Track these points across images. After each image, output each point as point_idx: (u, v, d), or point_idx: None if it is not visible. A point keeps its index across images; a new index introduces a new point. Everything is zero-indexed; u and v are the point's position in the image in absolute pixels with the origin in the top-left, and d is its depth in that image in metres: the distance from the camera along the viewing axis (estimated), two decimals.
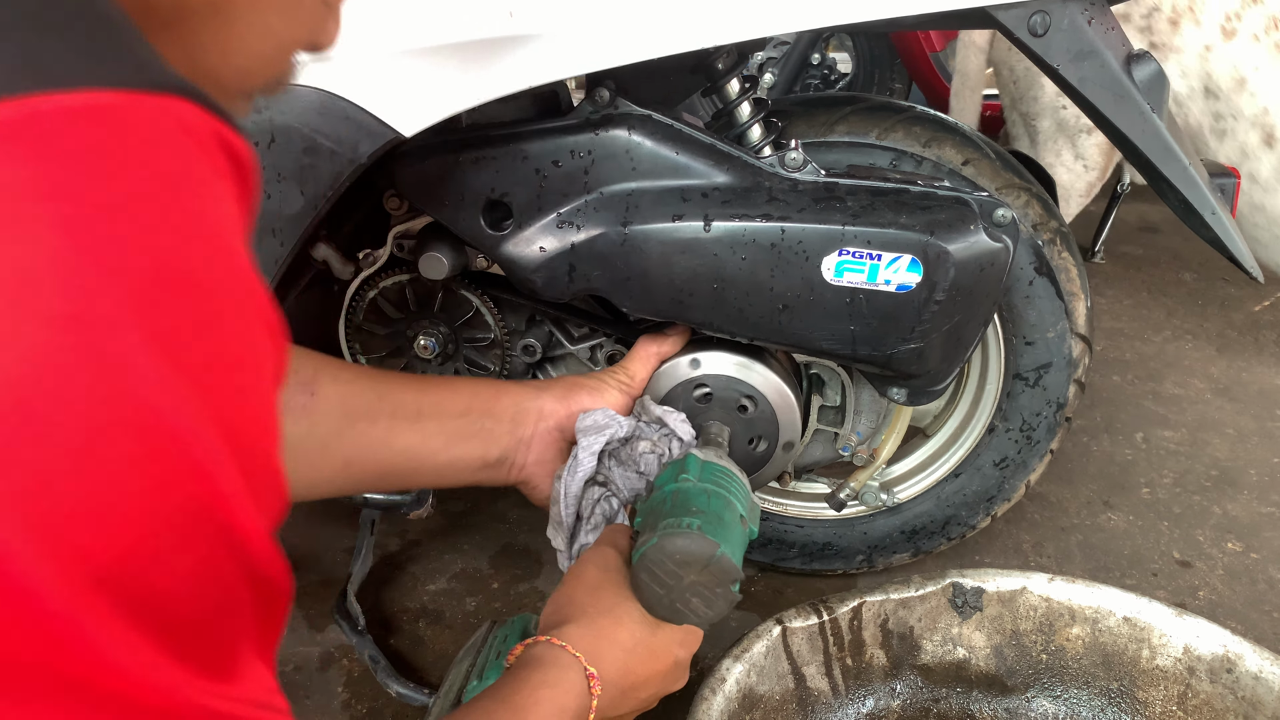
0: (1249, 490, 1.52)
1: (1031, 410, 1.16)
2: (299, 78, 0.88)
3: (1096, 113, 0.88)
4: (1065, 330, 1.11)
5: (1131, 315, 2.19)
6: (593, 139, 0.91)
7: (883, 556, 1.27)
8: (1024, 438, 1.18)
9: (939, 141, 1.05)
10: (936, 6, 0.82)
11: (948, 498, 1.23)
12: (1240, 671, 0.91)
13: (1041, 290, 1.09)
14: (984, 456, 1.20)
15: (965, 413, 1.22)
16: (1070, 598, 0.98)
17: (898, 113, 1.06)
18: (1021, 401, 1.16)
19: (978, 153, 1.05)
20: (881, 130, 1.04)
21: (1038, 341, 1.12)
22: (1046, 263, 1.07)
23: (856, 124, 1.05)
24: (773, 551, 1.28)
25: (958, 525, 1.24)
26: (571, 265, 0.92)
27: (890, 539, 1.26)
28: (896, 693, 1.00)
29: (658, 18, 0.83)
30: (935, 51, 2.64)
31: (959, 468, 1.21)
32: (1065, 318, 1.11)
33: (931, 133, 1.05)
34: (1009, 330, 1.12)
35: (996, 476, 1.21)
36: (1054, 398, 1.15)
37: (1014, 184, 1.06)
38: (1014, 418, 1.17)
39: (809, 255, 0.90)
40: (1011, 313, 1.11)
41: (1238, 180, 1.15)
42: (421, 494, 1.16)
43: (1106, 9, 0.87)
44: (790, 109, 1.08)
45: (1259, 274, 1.01)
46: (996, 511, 1.23)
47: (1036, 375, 1.14)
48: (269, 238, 0.93)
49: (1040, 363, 1.13)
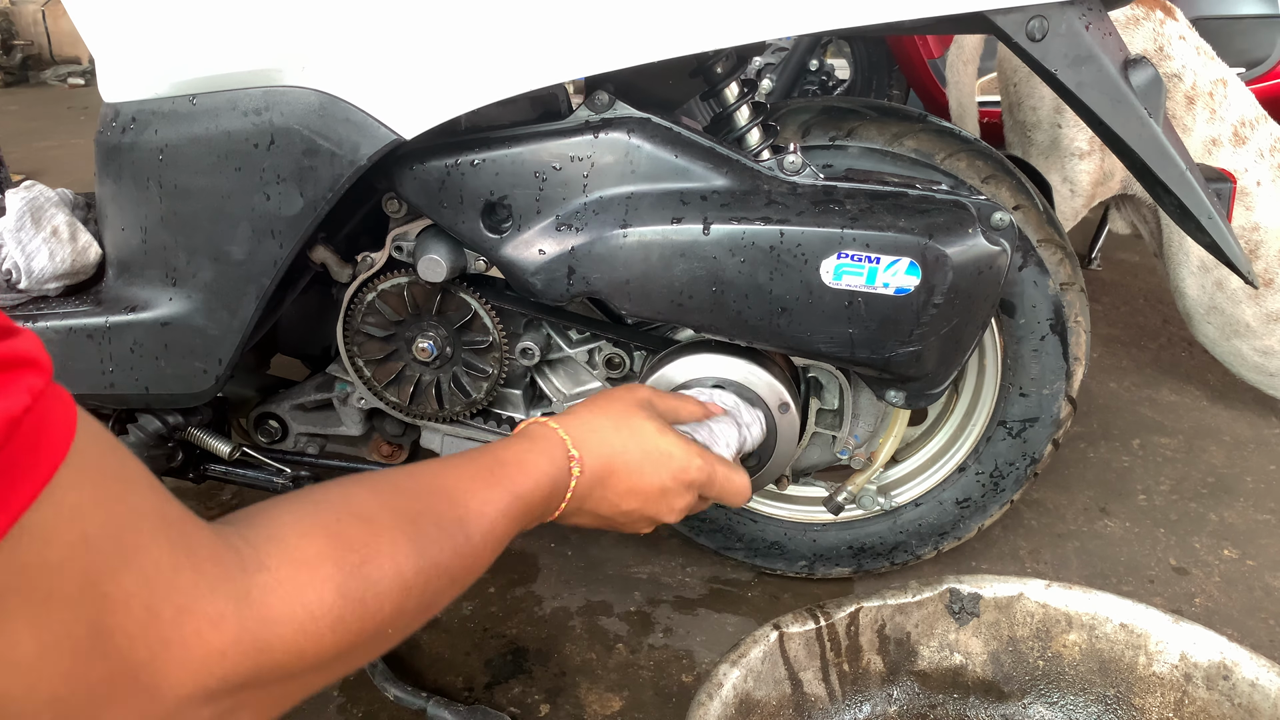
0: (1245, 497, 1.52)
1: (1006, 459, 1.19)
2: (301, 80, 0.88)
3: (1094, 117, 0.88)
4: (1060, 390, 1.14)
5: (1128, 322, 2.20)
6: (592, 142, 0.91)
7: (824, 566, 1.29)
8: (991, 484, 1.21)
9: (997, 180, 1.07)
10: (934, 11, 0.82)
11: (902, 525, 1.25)
12: (1237, 678, 0.91)
13: (1050, 348, 1.11)
14: (949, 492, 1.23)
15: (940, 447, 1.24)
16: (1067, 604, 0.98)
17: (964, 142, 1.08)
18: (999, 449, 1.19)
19: (1029, 200, 1.08)
20: (946, 155, 1.06)
21: (1032, 395, 1.15)
22: (1063, 322, 1.10)
23: (925, 142, 1.07)
24: (720, 539, 1.30)
25: (904, 552, 1.27)
26: (570, 268, 0.92)
27: (836, 551, 1.28)
28: (893, 699, 1.00)
29: (656, 21, 0.83)
30: (933, 58, 2.65)
31: (921, 498, 1.24)
32: (1064, 379, 1.13)
33: (992, 169, 1.07)
34: (1008, 378, 1.15)
35: (955, 514, 1.23)
36: (1031, 452, 1.18)
37: (1053, 239, 1.08)
38: (987, 462, 1.20)
39: (808, 258, 0.90)
40: (1017, 362, 1.13)
41: (1234, 185, 1.15)
42: None
43: (1104, 14, 0.87)
44: (862, 110, 1.10)
45: (1255, 279, 1.01)
46: (943, 548, 1.26)
47: (1021, 427, 1.17)
48: (268, 240, 0.93)
49: (1028, 416, 1.16)
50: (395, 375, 1.10)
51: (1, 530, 0.33)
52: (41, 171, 3.73)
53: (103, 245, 1.04)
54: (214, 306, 0.97)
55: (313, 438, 1.21)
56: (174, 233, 0.95)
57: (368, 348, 1.08)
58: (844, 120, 1.08)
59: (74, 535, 0.36)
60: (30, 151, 4.15)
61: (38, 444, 0.34)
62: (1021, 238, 1.06)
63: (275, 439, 1.20)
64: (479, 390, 1.10)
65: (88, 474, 0.37)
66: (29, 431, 0.34)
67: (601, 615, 1.24)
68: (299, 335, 1.22)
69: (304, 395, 1.18)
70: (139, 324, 0.98)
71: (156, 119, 0.93)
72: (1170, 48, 1.63)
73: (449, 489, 0.61)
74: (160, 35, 0.90)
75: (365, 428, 1.19)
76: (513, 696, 1.11)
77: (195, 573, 0.42)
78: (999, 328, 1.12)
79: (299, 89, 0.89)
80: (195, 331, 0.98)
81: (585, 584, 1.30)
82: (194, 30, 0.89)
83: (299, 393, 1.18)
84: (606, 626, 1.22)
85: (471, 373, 1.10)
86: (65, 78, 6.36)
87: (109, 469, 0.39)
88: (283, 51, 0.88)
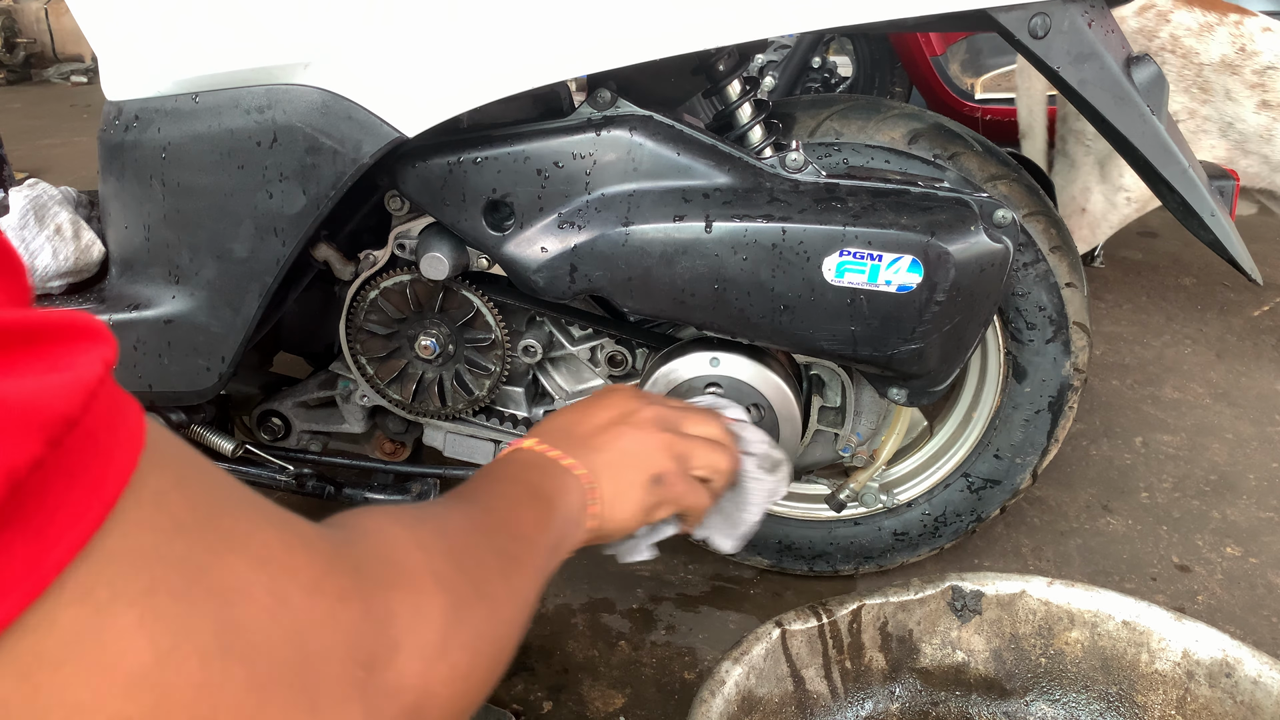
0: (1248, 495, 1.52)
1: (955, 509, 1.24)
2: (304, 78, 0.88)
3: (1096, 115, 0.88)
4: (1031, 464, 1.19)
5: (1131, 320, 2.19)
6: (594, 140, 0.91)
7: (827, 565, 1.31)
8: (933, 527, 1.25)
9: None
10: (937, 8, 0.82)
11: (835, 538, 1.28)
12: (1239, 676, 0.91)
13: (1040, 423, 1.17)
14: (889, 522, 1.26)
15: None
16: (1069, 601, 0.98)
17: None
18: (953, 497, 1.23)
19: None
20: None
21: (1005, 460, 1.20)
22: (1061, 403, 1.14)
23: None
24: None
25: (825, 563, 1.30)
26: (573, 266, 0.92)
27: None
28: (895, 696, 1.00)
29: (659, 19, 0.83)
30: (936, 55, 2.64)
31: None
32: (1040, 456, 1.19)
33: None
34: (990, 435, 1.19)
35: (889, 543, 1.27)
36: (981, 510, 1.23)
37: (1084, 325, 1.11)
38: (937, 506, 1.24)
39: (810, 256, 0.90)
40: (1006, 425, 1.18)
41: (1237, 182, 1.15)
42: (422, 495, 1.16)
43: (1107, 11, 0.87)
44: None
45: (1258, 276, 1.01)
46: (861, 570, 1.30)
47: (983, 485, 1.22)
48: (271, 238, 0.93)
49: (994, 477, 1.21)
50: (398, 373, 1.10)
51: (98, 518, 0.28)
52: (44, 169, 3.73)
53: (106, 243, 1.04)
54: (217, 304, 0.97)
55: (315, 435, 1.21)
56: (177, 230, 0.95)
57: (370, 345, 1.08)
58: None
59: (164, 521, 0.31)
60: (33, 149, 4.16)
61: (115, 422, 0.30)
62: (1060, 314, 1.09)
63: (278, 436, 1.20)
64: (481, 388, 1.10)
65: (164, 456, 0.32)
66: (105, 407, 0.29)
67: (604, 612, 1.24)
68: (302, 333, 1.22)
69: (307, 393, 1.18)
70: (142, 322, 0.98)
71: (159, 117, 0.93)
72: (1255, 43, 1.62)
73: (522, 533, 0.56)
74: (163, 33, 0.90)
75: (368, 425, 1.19)
76: (515, 693, 1.11)
77: (310, 552, 0.37)
78: (1002, 389, 1.16)
79: (302, 87, 0.89)
80: (198, 329, 0.98)
81: (588, 581, 1.30)
82: (197, 28, 0.89)
83: (302, 390, 1.19)
84: (609, 623, 1.22)
85: (474, 370, 1.10)
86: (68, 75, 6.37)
87: (181, 454, 0.34)
88: (286, 49, 0.88)
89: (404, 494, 1.16)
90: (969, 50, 2.72)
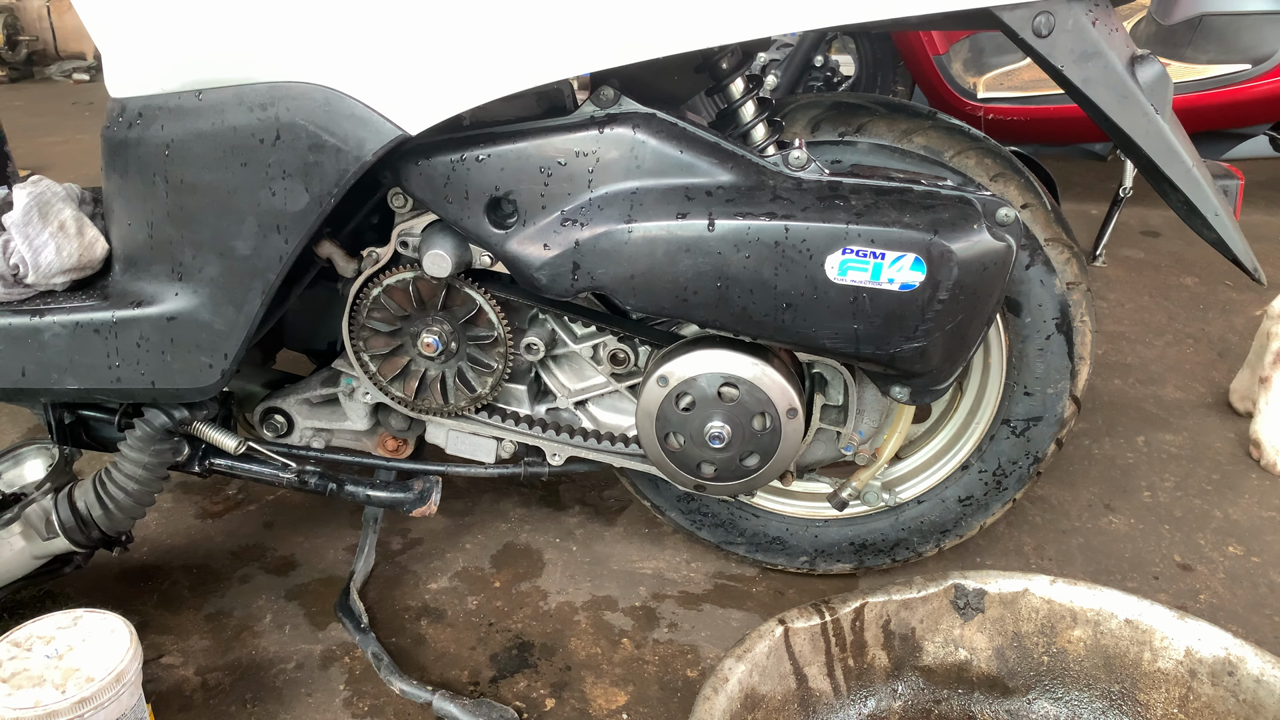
0: (1250, 494, 1.51)
1: (1010, 458, 1.19)
2: (307, 75, 0.88)
3: (1100, 113, 0.88)
4: (1065, 390, 1.14)
5: (1133, 319, 2.19)
6: (597, 137, 0.91)
7: (826, 563, 1.28)
8: (995, 482, 1.20)
9: (1005, 178, 1.07)
10: (940, 7, 0.82)
11: (904, 522, 1.25)
12: (1241, 674, 0.91)
13: (1056, 347, 1.11)
14: (951, 490, 1.22)
15: (944, 445, 1.24)
16: (1072, 600, 0.98)
17: (972, 140, 1.08)
18: (1003, 447, 1.19)
19: (1036, 199, 1.08)
20: (955, 152, 1.06)
21: (1037, 394, 1.15)
22: (1069, 321, 1.10)
23: (934, 139, 1.07)
24: (721, 534, 1.30)
25: (906, 549, 1.26)
26: (575, 263, 0.92)
27: (838, 548, 1.27)
28: (898, 693, 1.00)
29: (662, 17, 0.83)
30: (939, 54, 2.64)
31: (924, 495, 1.23)
32: (1069, 378, 1.13)
33: (1001, 167, 1.07)
34: (1012, 376, 1.14)
35: (957, 512, 1.23)
36: (1035, 450, 1.18)
37: (1060, 238, 1.08)
38: (990, 460, 1.20)
39: (813, 254, 0.90)
40: (1022, 360, 1.13)
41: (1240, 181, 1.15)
42: (424, 492, 1.16)
43: (1111, 10, 0.87)
44: (871, 106, 1.11)
45: (1262, 275, 1.01)
46: (945, 545, 1.26)
47: (1025, 426, 1.17)
48: (274, 235, 0.93)
49: (1032, 415, 1.16)
50: (400, 370, 1.10)
51: None
52: (47, 167, 3.73)
53: (109, 240, 1.04)
54: (220, 302, 0.97)
55: (318, 432, 1.21)
56: (180, 228, 0.95)
57: (373, 342, 1.08)
58: (854, 116, 1.08)
59: None
60: (36, 147, 4.16)
61: None
62: (1029, 236, 1.06)
63: (281, 434, 1.21)
64: (484, 385, 1.10)
65: None
66: None
67: (607, 610, 1.25)
68: (304, 330, 1.22)
69: (309, 390, 1.18)
70: (145, 319, 0.99)
71: (163, 114, 0.93)
72: None
73: None
74: (166, 30, 0.90)
75: (371, 422, 1.19)
76: (518, 691, 1.11)
77: None
78: (1004, 325, 1.12)
79: (305, 84, 0.89)
80: (201, 326, 0.98)
81: (590, 579, 1.30)
82: (200, 26, 0.89)
83: (304, 387, 1.19)
84: (611, 621, 1.23)
85: (476, 368, 1.10)
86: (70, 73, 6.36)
87: None
88: (289, 47, 0.88)
89: (406, 491, 1.16)
90: (971, 49, 2.72)
